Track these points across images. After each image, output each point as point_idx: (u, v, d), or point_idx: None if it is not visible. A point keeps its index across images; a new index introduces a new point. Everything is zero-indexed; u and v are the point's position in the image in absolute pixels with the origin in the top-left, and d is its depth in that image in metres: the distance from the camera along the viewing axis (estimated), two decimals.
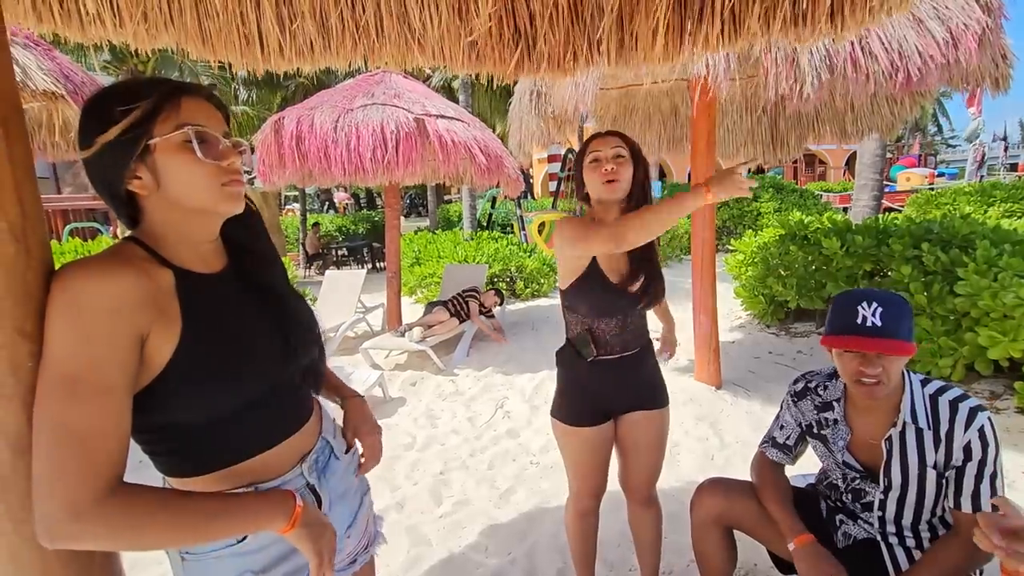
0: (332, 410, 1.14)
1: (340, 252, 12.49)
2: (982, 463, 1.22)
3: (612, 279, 1.53)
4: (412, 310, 6.46)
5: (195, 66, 10.72)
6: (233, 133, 0.89)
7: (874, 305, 1.21)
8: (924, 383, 1.30)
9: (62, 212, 9.43)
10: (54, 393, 0.69)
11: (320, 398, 1.10)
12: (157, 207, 0.82)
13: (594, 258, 1.53)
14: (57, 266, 0.78)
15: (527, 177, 17.28)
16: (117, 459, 0.72)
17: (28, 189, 0.79)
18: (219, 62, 1.57)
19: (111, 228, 10.86)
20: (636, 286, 1.54)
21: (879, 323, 1.20)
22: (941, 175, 20.94)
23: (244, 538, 0.86)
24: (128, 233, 0.85)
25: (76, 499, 0.68)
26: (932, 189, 13.60)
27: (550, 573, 2.06)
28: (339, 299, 5.68)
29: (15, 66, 2.99)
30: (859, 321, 1.21)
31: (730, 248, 6.23)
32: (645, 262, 1.55)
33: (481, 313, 5.33)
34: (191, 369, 0.78)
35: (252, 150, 5.42)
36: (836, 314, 1.27)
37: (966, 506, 1.23)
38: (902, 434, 1.29)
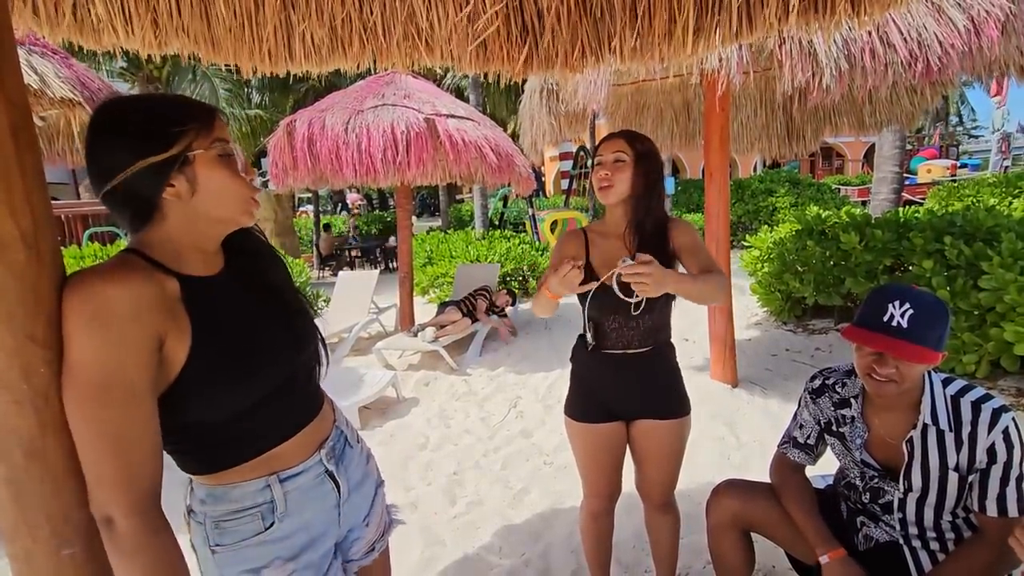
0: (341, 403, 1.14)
1: (353, 253, 12.59)
2: (1007, 466, 1.18)
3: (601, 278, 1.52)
4: (425, 310, 6.47)
5: (208, 70, 10.81)
6: (241, 137, 0.92)
7: (906, 306, 1.17)
8: (946, 383, 1.27)
9: (82, 217, 9.56)
10: (88, 403, 0.72)
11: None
12: (182, 214, 0.83)
13: (588, 257, 1.57)
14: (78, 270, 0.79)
15: (539, 175, 17.24)
16: (152, 466, 0.76)
17: (39, 196, 0.79)
18: (228, 66, 1.59)
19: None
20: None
21: (905, 325, 1.16)
22: (963, 166, 20.41)
23: (271, 525, 0.89)
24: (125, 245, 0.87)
25: (112, 506, 0.73)
26: (954, 181, 13.28)
27: (564, 574, 2.05)
28: (352, 300, 5.72)
29: (34, 74, 3.06)
30: (885, 319, 1.18)
31: (745, 244, 6.14)
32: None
33: (493, 311, 5.33)
34: (207, 369, 0.81)
35: (264, 153, 5.48)
36: (866, 306, 1.24)
37: (991, 510, 1.19)
38: (923, 435, 1.25)
